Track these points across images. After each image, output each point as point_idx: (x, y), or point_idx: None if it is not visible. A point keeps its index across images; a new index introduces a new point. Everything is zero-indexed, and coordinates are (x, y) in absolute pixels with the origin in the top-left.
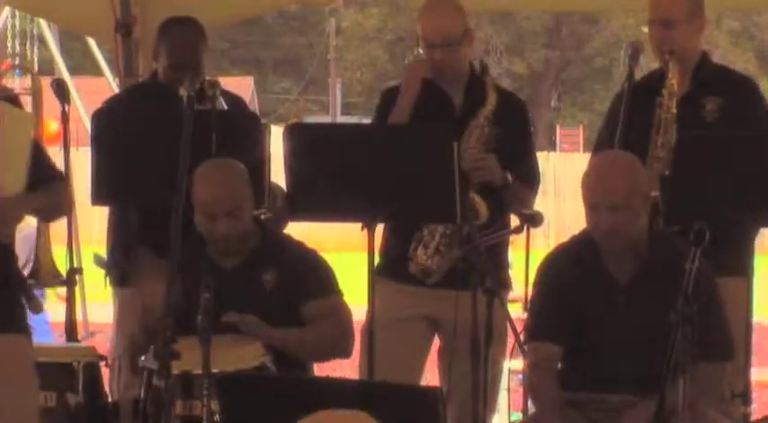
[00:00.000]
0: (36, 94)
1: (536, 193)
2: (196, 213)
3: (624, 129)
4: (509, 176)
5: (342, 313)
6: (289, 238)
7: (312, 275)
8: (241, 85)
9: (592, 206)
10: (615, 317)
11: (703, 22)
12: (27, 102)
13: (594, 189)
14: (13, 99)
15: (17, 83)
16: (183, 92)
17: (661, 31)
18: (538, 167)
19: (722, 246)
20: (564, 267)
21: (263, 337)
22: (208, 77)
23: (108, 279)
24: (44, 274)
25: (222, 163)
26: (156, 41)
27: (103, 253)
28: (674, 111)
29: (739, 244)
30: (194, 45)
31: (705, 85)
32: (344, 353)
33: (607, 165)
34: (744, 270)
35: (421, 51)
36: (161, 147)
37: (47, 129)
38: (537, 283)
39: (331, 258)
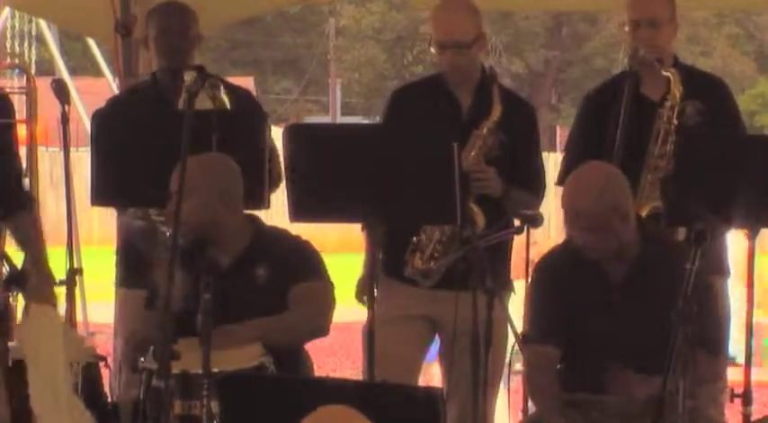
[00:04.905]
0: (31, 93)
1: (541, 199)
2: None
3: (623, 135)
4: (508, 187)
5: (321, 295)
6: (278, 231)
7: (299, 262)
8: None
9: (567, 221)
10: (612, 316)
11: (677, 26)
12: (20, 101)
13: (568, 211)
14: (3, 97)
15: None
16: (185, 85)
17: (648, 32)
18: (544, 175)
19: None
20: (560, 268)
21: (237, 341)
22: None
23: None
24: None
25: (207, 156)
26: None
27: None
28: (676, 121)
29: (714, 243)
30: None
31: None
32: (321, 333)
33: (581, 185)
34: (719, 268)
35: (432, 50)
36: (160, 147)
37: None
38: (534, 285)
39: (331, 258)
